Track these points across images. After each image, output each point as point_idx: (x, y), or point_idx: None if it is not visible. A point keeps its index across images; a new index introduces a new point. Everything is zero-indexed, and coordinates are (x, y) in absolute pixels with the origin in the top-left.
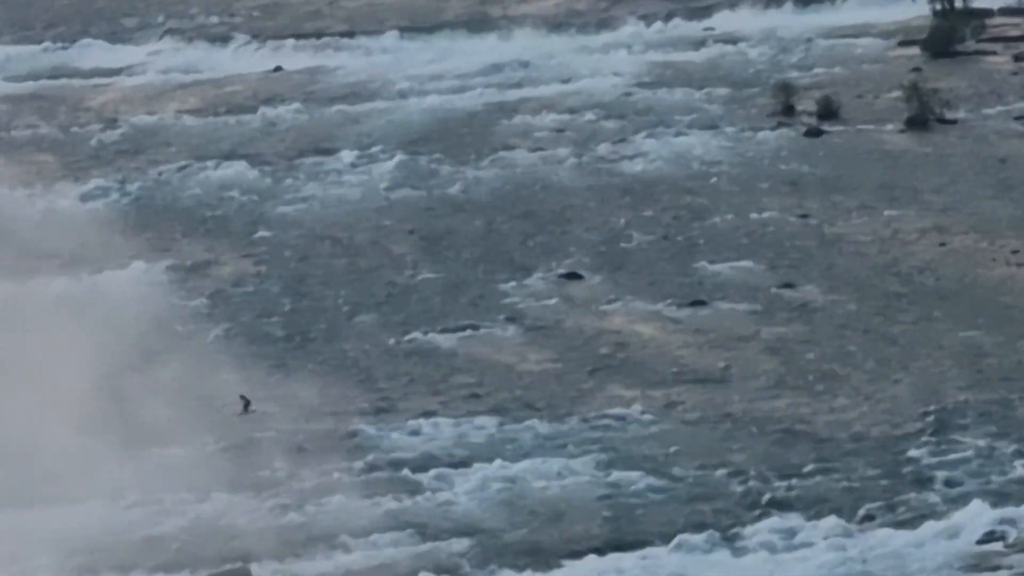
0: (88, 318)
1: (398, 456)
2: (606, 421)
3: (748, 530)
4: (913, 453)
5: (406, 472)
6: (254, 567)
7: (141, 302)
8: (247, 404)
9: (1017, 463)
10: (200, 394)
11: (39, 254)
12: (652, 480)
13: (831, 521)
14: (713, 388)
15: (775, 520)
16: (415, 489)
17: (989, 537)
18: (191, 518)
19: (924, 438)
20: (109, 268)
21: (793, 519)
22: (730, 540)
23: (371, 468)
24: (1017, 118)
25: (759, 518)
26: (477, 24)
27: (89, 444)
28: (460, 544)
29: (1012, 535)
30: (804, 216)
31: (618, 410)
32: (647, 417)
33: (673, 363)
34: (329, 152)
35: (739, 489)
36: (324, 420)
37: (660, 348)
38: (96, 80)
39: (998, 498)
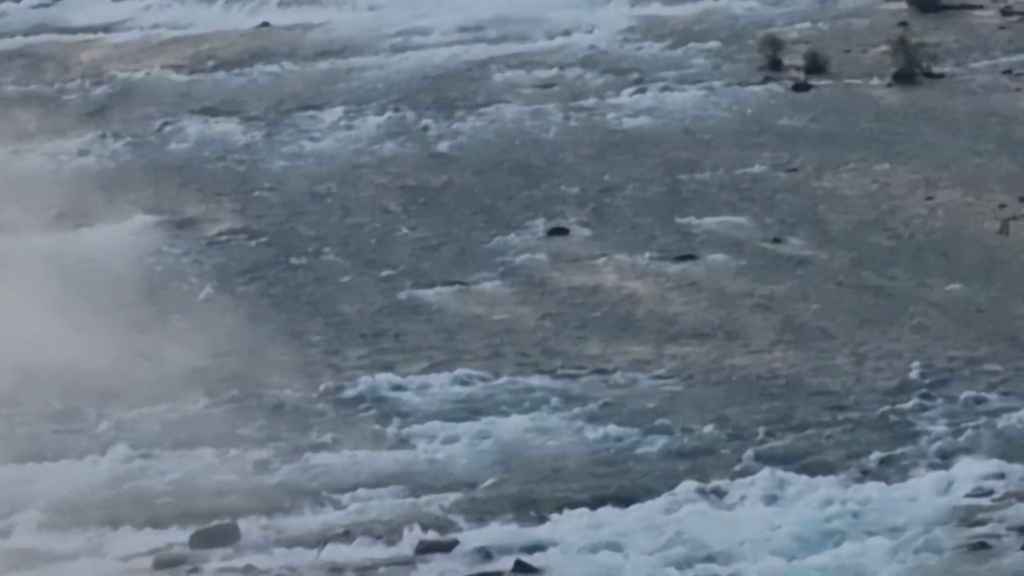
0: (76, 275)
1: (387, 411)
2: (596, 376)
3: (740, 484)
4: (904, 407)
5: (395, 427)
6: (242, 523)
7: (129, 258)
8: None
9: (1007, 417)
10: (189, 350)
11: (26, 210)
12: (642, 435)
13: (823, 475)
14: (703, 342)
15: (767, 474)
16: (404, 444)
17: (979, 491)
18: (179, 474)
19: (915, 393)
20: (97, 224)
21: (785, 474)
22: (721, 494)
23: (360, 423)
24: (1004, 72)
25: (751, 472)
26: None
27: (76, 400)
28: (450, 499)
29: (1001, 489)
30: (792, 170)
31: (608, 365)
32: (637, 372)
33: (663, 318)
34: (317, 108)
35: (730, 444)
36: (312, 375)
37: (649, 303)
38: (83, 36)
39: (988, 453)
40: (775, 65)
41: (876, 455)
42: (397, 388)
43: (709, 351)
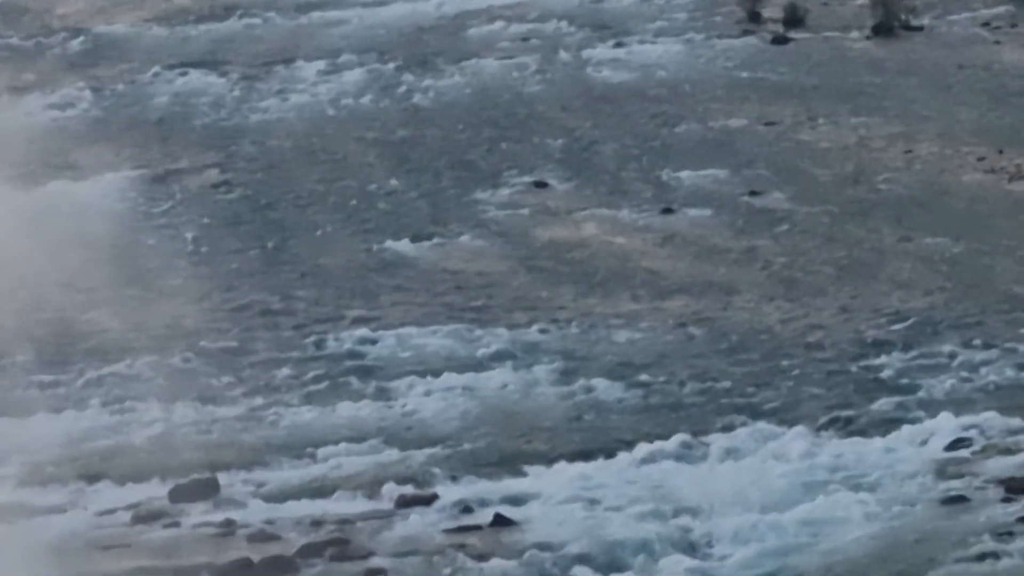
0: (54, 228)
1: (365, 365)
2: (575, 329)
3: (718, 437)
4: (882, 361)
5: (373, 381)
6: (221, 477)
7: (108, 212)
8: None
9: (985, 370)
10: (167, 304)
11: (4, 164)
12: (620, 388)
13: (800, 428)
14: (683, 296)
15: (744, 427)
16: (382, 398)
17: (957, 444)
18: (158, 429)
19: (893, 346)
20: (77, 178)
21: (762, 426)
22: (700, 448)
23: (338, 377)
24: (983, 24)
25: (728, 425)
26: None
27: (54, 354)
28: (427, 453)
29: (979, 442)
30: (771, 124)
31: (587, 318)
32: (615, 325)
33: (641, 271)
34: (296, 62)
35: (708, 397)
36: (291, 329)
37: (628, 256)
38: None
39: (966, 405)
40: (754, 18)
41: (854, 408)
42: (376, 342)
43: (689, 304)
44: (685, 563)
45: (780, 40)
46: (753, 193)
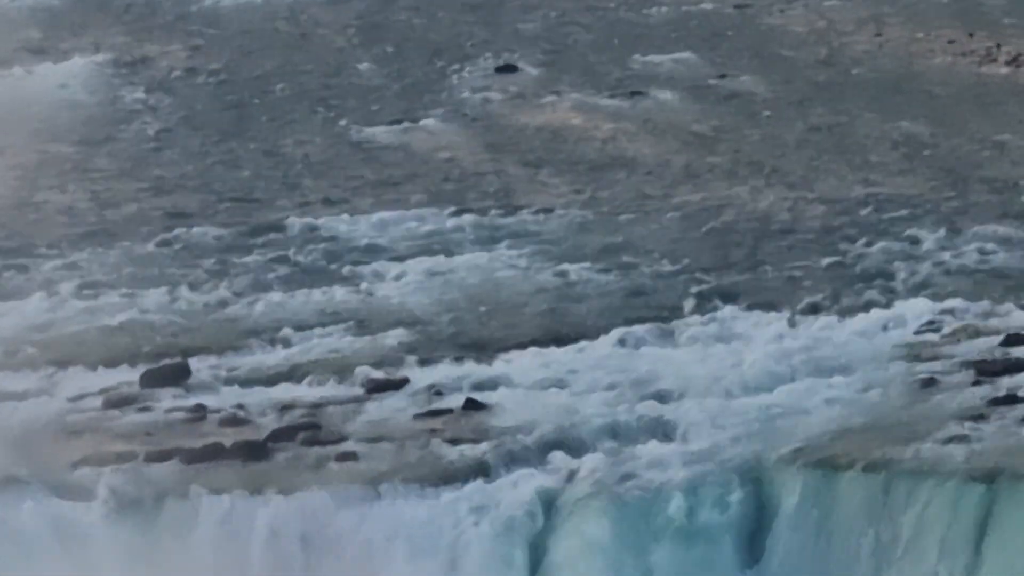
0: (25, 114)
1: (336, 249)
2: (544, 214)
3: (689, 321)
4: (851, 244)
5: (344, 266)
6: (192, 362)
7: (78, 98)
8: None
9: (955, 254)
10: (137, 190)
11: None
12: (590, 273)
13: (772, 313)
14: (651, 180)
15: (716, 312)
16: (353, 282)
17: (927, 327)
18: (127, 314)
19: (862, 230)
20: (45, 63)
21: (733, 311)
22: (671, 332)
23: (308, 261)
24: None
25: (698, 310)
26: None
27: (24, 240)
28: (398, 337)
29: (949, 325)
30: (741, 7)
31: (556, 202)
32: (585, 210)
33: (610, 155)
34: None
35: (678, 281)
36: (261, 213)
37: (598, 140)
38: None
39: (936, 289)
40: None
41: (826, 292)
42: (346, 226)
43: (654, 188)
44: (656, 447)
45: None
46: (723, 76)
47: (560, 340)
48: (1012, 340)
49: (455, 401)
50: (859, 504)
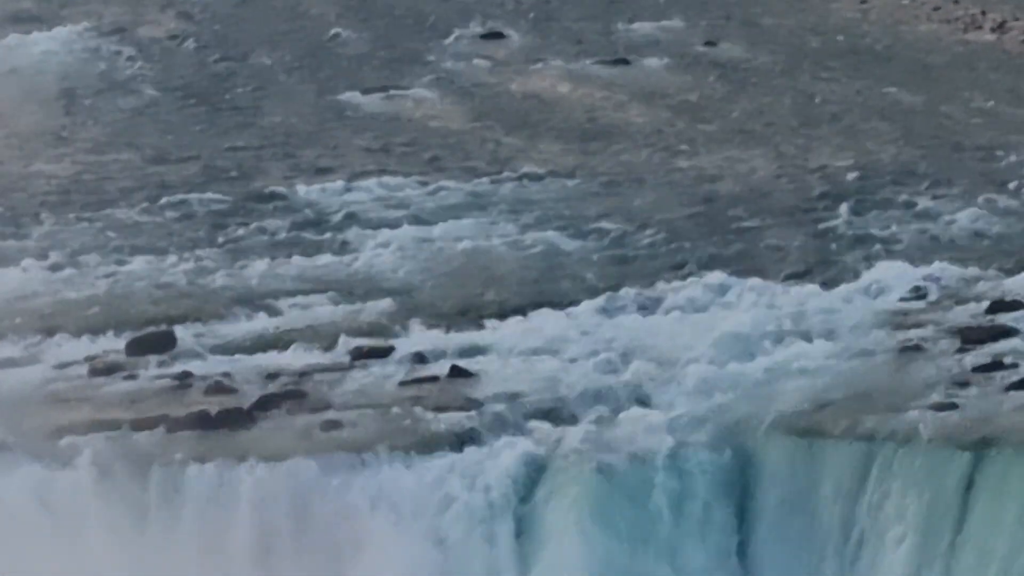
0: (11, 80)
1: (321, 217)
2: (532, 181)
3: (676, 288)
4: (837, 211)
5: (329, 233)
6: (177, 330)
7: (62, 64)
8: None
9: (942, 220)
10: (122, 157)
11: None
12: (575, 240)
13: (755, 280)
14: (636, 147)
15: (701, 279)
16: (338, 250)
17: (913, 294)
18: (113, 281)
19: (848, 196)
20: (30, 30)
21: (718, 278)
22: (658, 299)
23: (294, 229)
24: None
25: (683, 277)
26: None
27: (10, 208)
28: (383, 305)
29: (935, 292)
30: None
31: (541, 169)
32: (570, 177)
33: (596, 122)
34: None
35: (662, 249)
36: (246, 180)
37: (583, 107)
38: None
39: (921, 255)
40: None
41: (812, 259)
42: (332, 194)
43: (639, 155)
44: (642, 414)
45: None
46: (709, 43)
47: (546, 307)
48: (997, 307)
49: (440, 369)
50: (844, 471)
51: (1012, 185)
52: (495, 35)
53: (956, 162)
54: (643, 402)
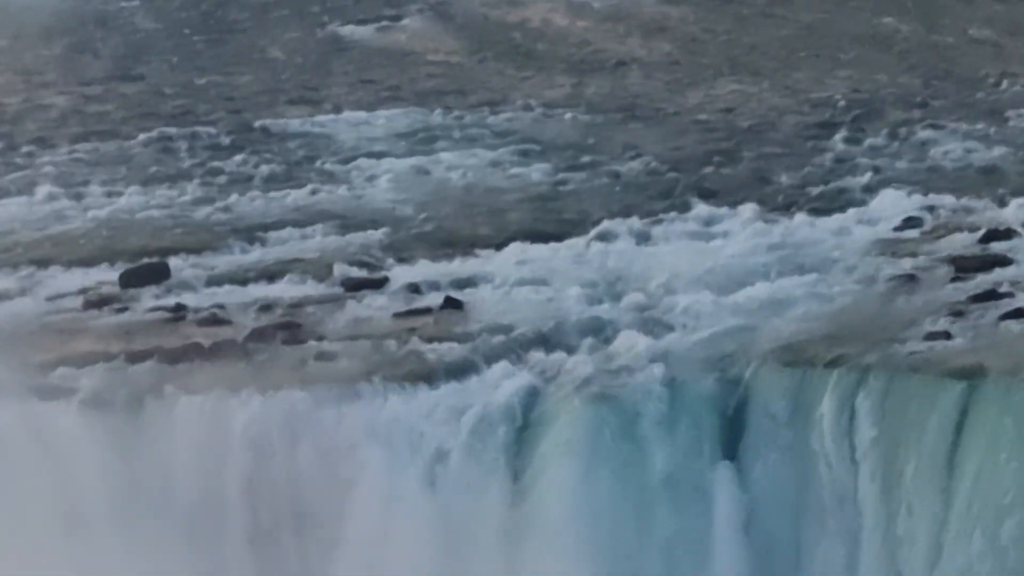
0: (12, 18)
1: (314, 148)
2: (526, 112)
3: (669, 218)
4: (830, 141)
5: (322, 164)
6: (171, 261)
7: (61, 8)
8: None
9: (934, 150)
10: (117, 90)
11: None
12: (569, 170)
13: (750, 209)
14: (629, 77)
15: (694, 208)
16: (331, 181)
17: (907, 223)
18: (107, 213)
19: (842, 126)
20: None
21: (713, 207)
22: (651, 229)
23: (287, 161)
24: None
25: (678, 206)
26: None
27: (4, 139)
28: (377, 235)
29: (929, 221)
30: None
31: (535, 100)
32: (564, 107)
33: (590, 53)
34: None
35: (657, 178)
36: (240, 112)
37: (577, 38)
38: None
39: (915, 185)
40: None
41: (806, 189)
42: (324, 125)
43: (632, 85)
44: (638, 341)
45: None
46: None
47: (539, 237)
48: (991, 236)
49: (434, 299)
50: (837, 401)
51: (1008, 115)
52: None
53: (950, 92)
54: (637, 331)
